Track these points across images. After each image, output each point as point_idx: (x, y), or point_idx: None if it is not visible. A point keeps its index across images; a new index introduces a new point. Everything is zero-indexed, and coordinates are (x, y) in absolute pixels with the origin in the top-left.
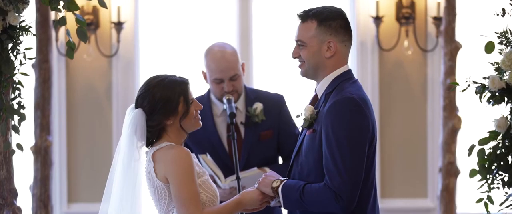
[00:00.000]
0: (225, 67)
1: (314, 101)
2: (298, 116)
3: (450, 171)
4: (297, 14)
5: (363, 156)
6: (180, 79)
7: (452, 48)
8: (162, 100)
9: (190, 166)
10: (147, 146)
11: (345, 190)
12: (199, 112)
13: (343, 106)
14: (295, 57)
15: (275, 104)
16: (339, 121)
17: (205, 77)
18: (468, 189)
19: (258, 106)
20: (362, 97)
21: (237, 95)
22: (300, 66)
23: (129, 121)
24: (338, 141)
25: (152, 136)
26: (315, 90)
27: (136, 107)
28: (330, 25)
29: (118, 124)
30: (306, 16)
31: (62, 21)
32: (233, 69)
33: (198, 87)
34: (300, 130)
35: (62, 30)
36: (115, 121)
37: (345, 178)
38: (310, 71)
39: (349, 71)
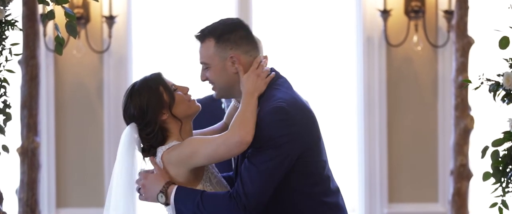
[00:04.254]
0: None
1: None
2: None
3: (462, 174)
4: (195, 36)
5: (281, 173)
6: (149, 75)
7: (464, 44)
8: (146, 99)
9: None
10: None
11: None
12: (189, 93)
13: (271, 118)
14: (203, 80)
15: None
16: (268, 134)
17: None
18: (481, 193)
19: None
20: (291, 101)
21: None
22: (213, 89)
23: (124, 139)
24: (261, 153)
25: (156, 141)
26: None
27: (128, 124)
28: (228, 39)
29: (109, 124)
30: (203, 35)
31: (50, 15)
32: None
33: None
34: None
35: (50, 24)
36: (106, 120)
37: (253, 191)
38: (223, 91)
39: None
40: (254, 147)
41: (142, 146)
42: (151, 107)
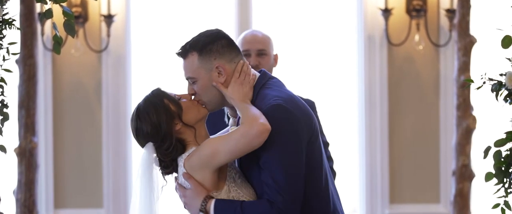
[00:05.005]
0: (253, 39)
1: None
2: None
3: (464, 175)
4: (176, 53)
5: (301, 168)
6: (149, 93)
7: (466, 43)
8: (155, 115)
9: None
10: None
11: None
12: (192, 97)
13: (271, 117)
14: (192, 95)
15: None
16: (272, 135)
17: None
18: (484, 194)
19: None
20: (288, 98)
21: None
22: (201, 103)
23: (143, 158)
24: (274, 156)
25: (177, 153)
26: (236, 115)
27: (143, 145)
28: (211, 49)
29: (108, 124)
30: (185, 51)
31: (48, 14)
32: (262, 43)
33: None
34: None
35: (48, 23)
36: (105, 120)
37: (286, 195)
38: (214, 103)
39: (255, 78)
40: (263, 154)
41: (161, 164)
42: (163, 120)
